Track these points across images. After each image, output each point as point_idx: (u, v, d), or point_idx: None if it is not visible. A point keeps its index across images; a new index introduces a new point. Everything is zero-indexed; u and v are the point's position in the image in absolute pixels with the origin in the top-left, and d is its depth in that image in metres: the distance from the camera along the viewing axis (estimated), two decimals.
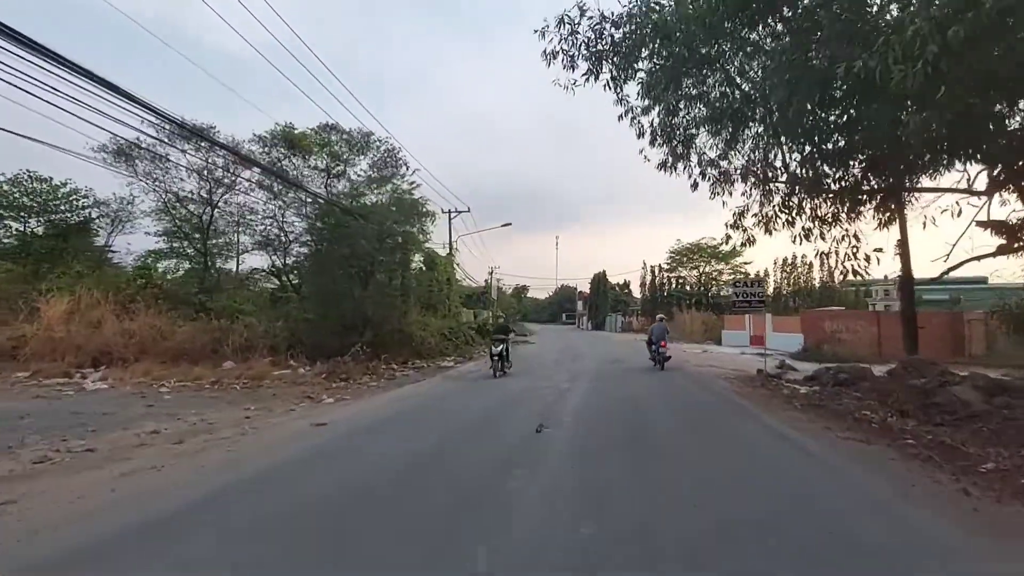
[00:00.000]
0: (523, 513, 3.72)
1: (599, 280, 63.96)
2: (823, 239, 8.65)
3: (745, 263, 56.31)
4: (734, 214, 11.12)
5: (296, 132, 21.95)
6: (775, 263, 57.62)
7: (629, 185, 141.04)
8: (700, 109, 9.86)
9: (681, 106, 9.59)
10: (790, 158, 8.52)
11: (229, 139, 19.63)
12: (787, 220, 9.18)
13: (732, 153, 9.76)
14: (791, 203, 9.05)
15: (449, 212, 33.88)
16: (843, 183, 8.07)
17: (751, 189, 10.87)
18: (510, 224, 36.41)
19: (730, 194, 11.18)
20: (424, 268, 25.03)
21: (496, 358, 13.21)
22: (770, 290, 57.87)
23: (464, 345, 22.61)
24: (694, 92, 9.39)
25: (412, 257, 20.04)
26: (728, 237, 11.19)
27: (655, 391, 10.00)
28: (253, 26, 12.85)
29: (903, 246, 12.10)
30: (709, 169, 11.02)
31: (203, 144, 17.98)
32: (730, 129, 8.92)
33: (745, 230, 11.06)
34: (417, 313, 20.79)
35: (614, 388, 10.44)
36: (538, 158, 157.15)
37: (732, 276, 57.46)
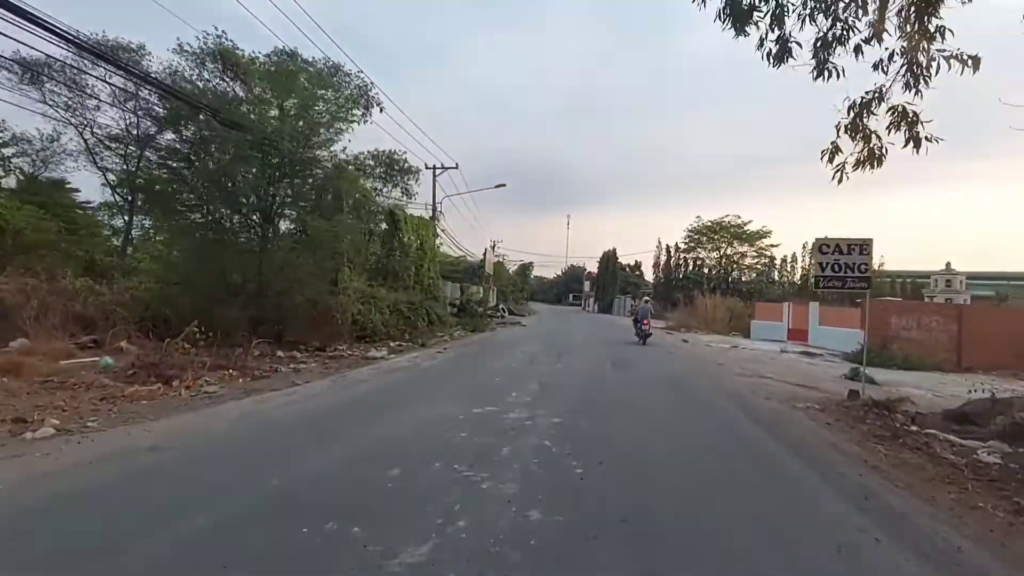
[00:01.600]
0: None
1: (608, 258, 58.51)
2: None
3: (772, 245, 50.68)
4: (852, 108, 5.92)
5: (236, 52, 16.71)
6: (803, 247, 51.96)
7: (647, 166, 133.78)
8: None
9: None
10: None
11: (165, 65, 14.51)
12: None
13: None
14: None
15: (433, 168, 28.87)
16: None
17: (894, 54, 5.64)
18: (504, 185, 31.19)
19: (841, 72, 6.00)
20: (386, 227, 20.10)
21: None
22: (797, 277, 52.24)
23: (427, 325, 17.73)
24: None
25: (350, 204, 14.99)
26: (832, 151, 6.01)
27: (694, 458, 4.85)
28: None
29: None
30: (807, 24, 5.80)
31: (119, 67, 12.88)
32: None
33: (869, 136, 5.88)
34: (360, 281, 15.90)
35: (605, 436, 5.44)
36: (552, 137, 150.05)
37: (756, 259, 51.82)
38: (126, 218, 18.31)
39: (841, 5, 5.71)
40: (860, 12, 5.68)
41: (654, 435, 5.40)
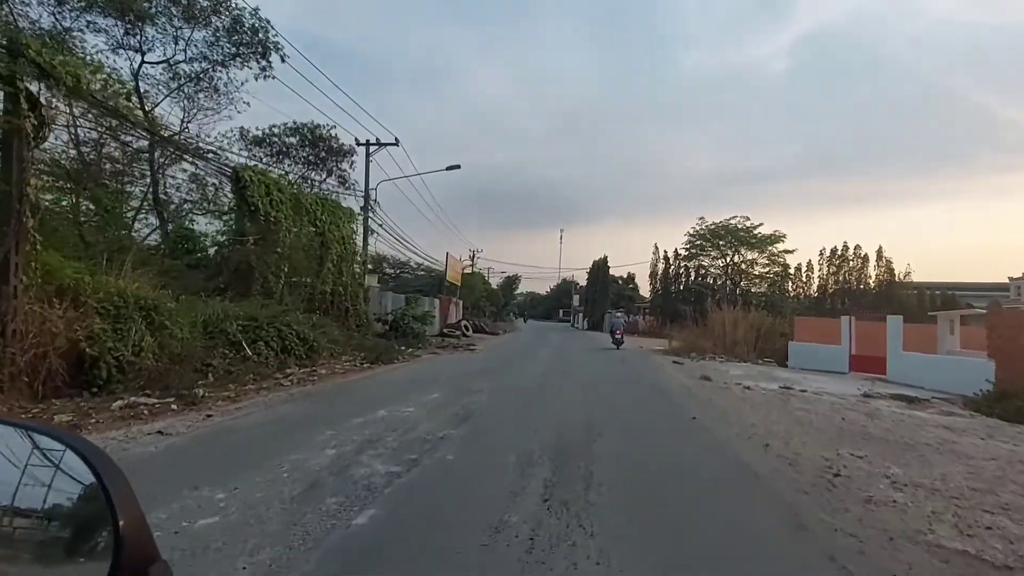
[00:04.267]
0: None
1: (598, 269, 51.72)
2: None
3: (786, 251, 43.88)
4: None
5: None
6: (820, 254, 45.28)
7: (643, 182, 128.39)
8: None
9: None
10: None
11: None
12: None
13: None
14: None
15: (367, 143, 22.17)
16: None
17: None
18: (459, 167, 24.50)
19: None
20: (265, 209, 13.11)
21: None
22: (815, 287, 45.44)
23: (275, 355, 10.64)
24: None
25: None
26: None
27: None
28: None
29: None
30: None
31: None
32: None
33: None
34: (130, 280, 8.80)
35: None
36: (546, 153, 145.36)
37: (768, 268, 44.99)
38: None
39: None
40: None
41: None
